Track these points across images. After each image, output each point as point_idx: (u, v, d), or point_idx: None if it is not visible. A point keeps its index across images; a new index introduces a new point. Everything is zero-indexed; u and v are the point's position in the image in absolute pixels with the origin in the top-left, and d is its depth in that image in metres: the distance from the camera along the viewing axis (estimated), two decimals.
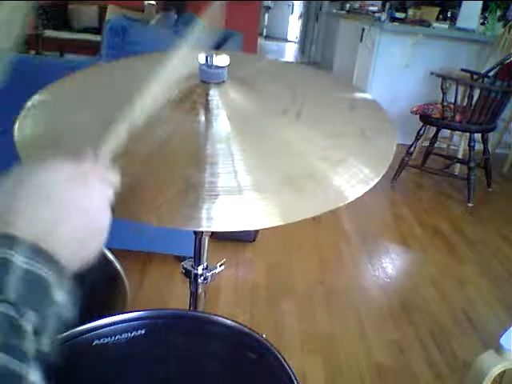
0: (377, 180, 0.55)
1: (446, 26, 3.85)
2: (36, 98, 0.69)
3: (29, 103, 0.68)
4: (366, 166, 0.57)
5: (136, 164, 0.54)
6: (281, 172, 0.55)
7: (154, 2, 3.41)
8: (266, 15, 11.25)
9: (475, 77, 3.18)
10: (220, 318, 0.73)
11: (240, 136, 0.59)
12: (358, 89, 0.80)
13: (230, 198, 0.51)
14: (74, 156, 0.39)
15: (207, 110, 0.60)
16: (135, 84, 0.48)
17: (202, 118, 0.60)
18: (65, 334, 0.65)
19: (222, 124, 0.60)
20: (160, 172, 0.54)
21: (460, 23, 3.81)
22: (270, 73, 0.81)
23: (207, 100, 0.61)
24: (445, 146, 3.67)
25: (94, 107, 0.67)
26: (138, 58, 0.89)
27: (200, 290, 0.83)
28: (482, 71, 3.20)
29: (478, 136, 2.93)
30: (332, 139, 0.61)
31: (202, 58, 0.61)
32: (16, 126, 0.63)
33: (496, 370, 0.96)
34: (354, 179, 0.54)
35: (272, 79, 0.77)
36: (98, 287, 1.11)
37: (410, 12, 4.10)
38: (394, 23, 3.80)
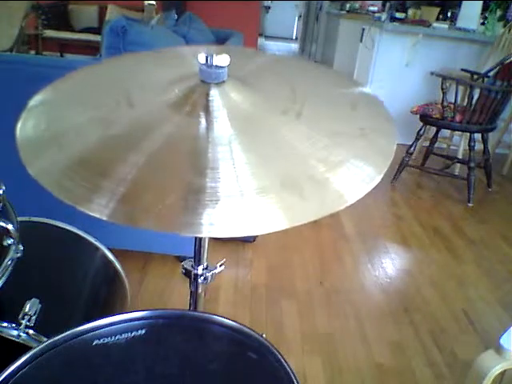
0: (379, 178, 0.55)
1: (446, 26, 3.85)
2: (37, 97, 0.69)
3: (30, 103, 0.68)
4: (368, 165, 0.56)
5: (135, 169, 0.53)
6: (282, 174, 0.54)
7: (153, 2, 3.40)
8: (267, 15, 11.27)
9: (475, 77, 3.18)
10: (220, 318, 0.73)
11: (241, 138, 0.58)
12: (358, 84, 0.79)
13: (232, 202, 0.50)
14: None
15: (208, 111, 0.59)
16: (134, 81, 0.47)
17: (203, 120, 0.59)
18: (65, 333, 0.65)
19: (222, 126, 0.59)
20: (160, 177, 0.53)
21: (460, 23, 3.81)
22: (270, 69, 0.80)
23: (207, 101, 0.60)
24: (445, 146, 3.67)
25: (94, 105, 0.66)
26: (137, 56, 0.89)
27: (200, 290, 0.83)
28: (482, 71, 3.20)
29: (478, 136, 2.93)
30: (333, 138, 0.61)
31: (202, 58, 0.60)
32: (18, 125, 0.63)
33: (496, 370, 0.96)
34: (355, 179, 0.54)
35: (272, 76, 0.76)
36: (98, 287, 1.11)
37: (410, 12, 4.10)
38: (394, 23, 3.80)
